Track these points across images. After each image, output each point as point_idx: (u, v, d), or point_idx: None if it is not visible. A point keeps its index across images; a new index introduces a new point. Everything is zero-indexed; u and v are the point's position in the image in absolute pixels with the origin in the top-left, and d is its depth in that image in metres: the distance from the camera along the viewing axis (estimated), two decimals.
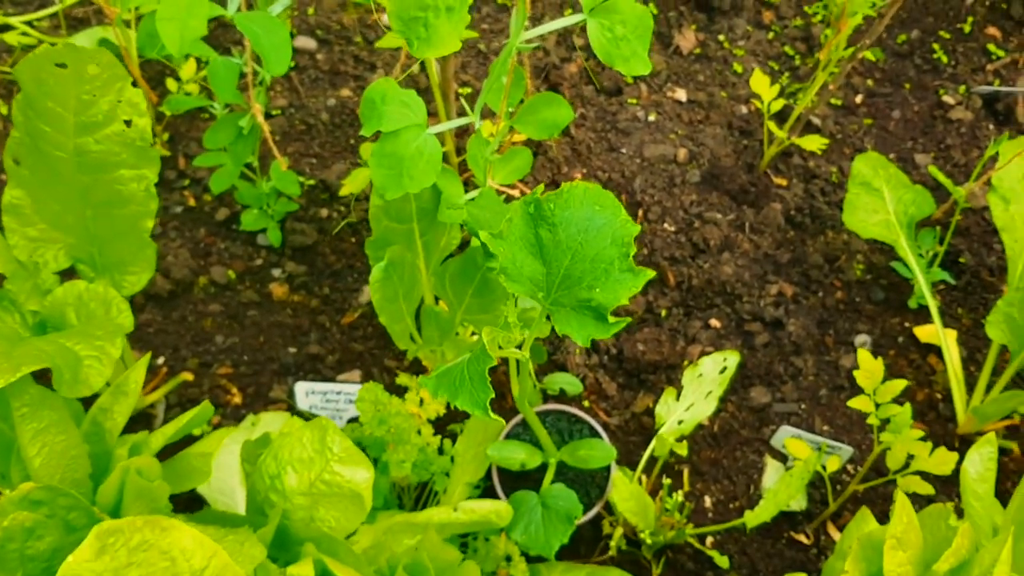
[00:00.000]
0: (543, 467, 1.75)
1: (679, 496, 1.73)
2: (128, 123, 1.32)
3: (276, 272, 2.12)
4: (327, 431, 1.31)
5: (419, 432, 1.74)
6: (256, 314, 2.08)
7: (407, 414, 1.66)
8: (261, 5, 1.65)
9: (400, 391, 1.99)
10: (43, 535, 1.13)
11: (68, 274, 1.53)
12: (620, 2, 1.50)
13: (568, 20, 1.52)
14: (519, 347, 1.44)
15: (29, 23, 2.39)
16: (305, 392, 1.92)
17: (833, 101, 2.47)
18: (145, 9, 1.54)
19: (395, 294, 1.76)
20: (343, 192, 2.01)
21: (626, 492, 1.72)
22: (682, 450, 1.75)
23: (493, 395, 1.25)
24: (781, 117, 2.36)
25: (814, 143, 2.10)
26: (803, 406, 2.07)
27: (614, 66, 1.49)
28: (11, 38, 2.16)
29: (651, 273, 1.30)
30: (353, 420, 1.94)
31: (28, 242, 1.48)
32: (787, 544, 1.91)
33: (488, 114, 2.29)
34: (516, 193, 2.19)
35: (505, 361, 1.94)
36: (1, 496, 1.20)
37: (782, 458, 2.02)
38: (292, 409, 1.96)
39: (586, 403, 2.03)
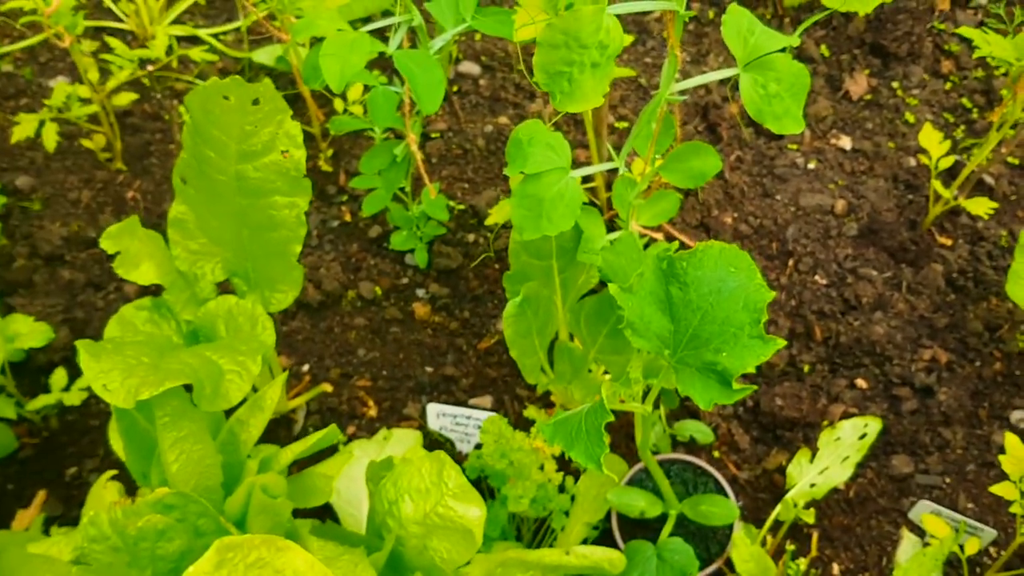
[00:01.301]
0: (663, 517, 1.74)
1: (803, 563, 1.68)
2: (285, 153, 1.39)
3: (420, 292, 2.18)
4: (444, 465, 1.34)
5: (541, 468, 1.75)
6: (398, 331, 2.14)
7: (529, 449, 1.68)
8: (423, 41, 1.71)
9: (527, 422, 2.01)
10: (173, 537, 1.21)
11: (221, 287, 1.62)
12: (776, 59, 1.47)
13: (721, 74, 1.50)
14: (643, 399, 1.43)
15: (216, 36, 2.54)
16: (436, 414, 1.97)
17: (1010, 160, 2.34)
18: (302, 37, 1.61)
19: (528, 329, 1.78)
20: (489, 221, 2.05)
21: (747, 553, 1.67)
22: (809, 517, 1.70)
23: (607, 451, 1.25)
24: (951, 173, 2.25)
25: (981, 206, 1.99)
26: (948, 480, 1.96)
27: (764, 123, 1.46)
28: (195, 54, 2.30)
29: (782, 343, 1.26)
30: (480, 446, 1.97)
31: (189, 254, 1.57)
32: None
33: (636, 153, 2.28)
34: (660, 236, 2.17)
35: None
36: (140, 496, 1.28)
37: (920, 532, 1.92)
38: (423, 428, 2.01)
39: (716, 453, 1.99)
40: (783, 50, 1.49)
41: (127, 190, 2.30)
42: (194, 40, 2.54)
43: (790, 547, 1.76)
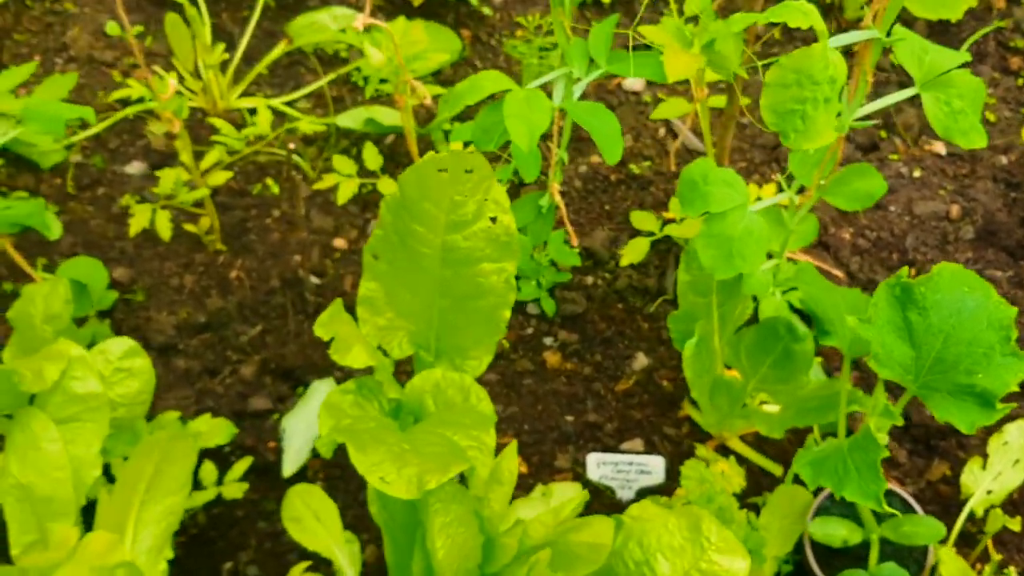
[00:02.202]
0: (860, 544, 1.72)
1: (1012, 572, 1.67)
2: (493, 220, 1.37)
3: (548, 340, 2.15)
4: (702, 519, 1.31)
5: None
6: (531, 382, 2.11)
7: (727, 493, 1.66)
8: (568, 92, 1.69)
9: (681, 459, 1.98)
10: None
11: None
12: (956, 76, 1.48)
13: (901, 95, 1.51)
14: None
15: (290, 103, 2.50)
16: (597, 463, 1.94)
17: None
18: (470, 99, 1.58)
19: (703, 369, 1.76)
20: (623, 263, 2.03)
21: (955, 569, 1.67)
22: (1015, 525, 1.69)
23: (887, 486, 1.23)
24: None
25: None
26: None
27: (952, 140, 1.47)
28: (304, 126, 2.26)
29: None
30: (644, 491, 1.94)
31: (377, 331, 1.54)
32: None
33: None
34: (802, 257, 2.17)
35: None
36: None
37: None
38: (580, 478, 1.98)
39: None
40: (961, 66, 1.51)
41: (230, 270, 2.25)
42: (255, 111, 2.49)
43: (997, 556, 1.75)
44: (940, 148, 2.36)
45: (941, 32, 2.58)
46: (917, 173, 2.31)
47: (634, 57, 1.73)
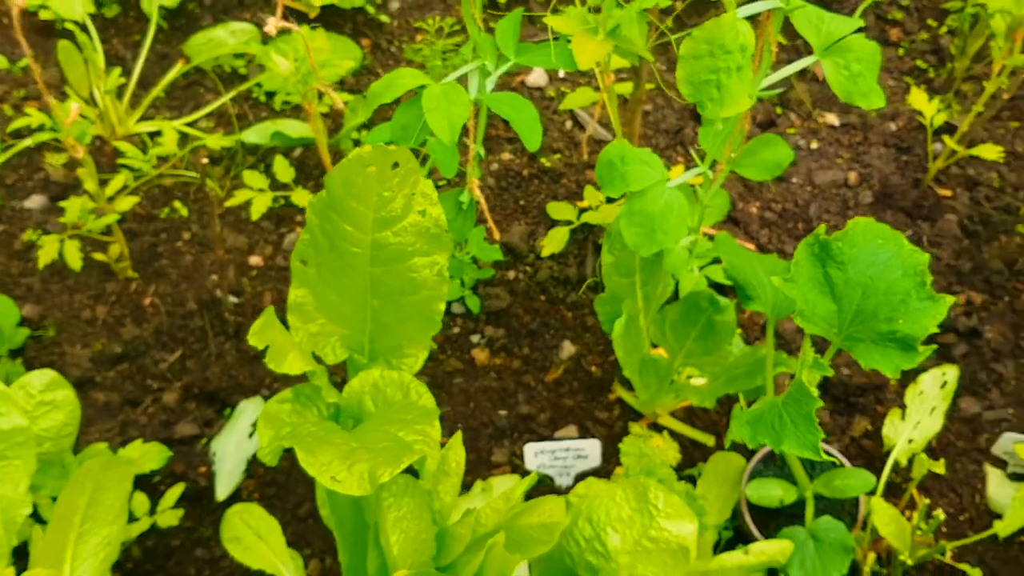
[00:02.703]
0: (794, 503, 1.77)
1: (940, 514, 1.74)
2: (423, 213, 1.37)
3: (475, 338, 2.16)
4: (648, 488, 1.34)
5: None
6: (462, 381, 2.12)
7: (668, 464, 1.69)
8: (481, 85, 1.71)
9: (615, 442, 2.01)
10: None
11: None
12: (853, 40, 1.54)
13: (803, 63, 1.57)
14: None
15: (191, 124, 2.46)
16: (534, 452, 1.95)
17: (982, 104, 2.51)
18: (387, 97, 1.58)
19: (633, 347, 1.80)
20: (544, 253, 2.06)
21: (887, 517, 1.73)
22: (940, 468, 1.77)
23: (823, 435, 1.28)
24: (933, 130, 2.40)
25: (991, 152, 2.14)
26: (1011, 411, 2.08)
27: (853, 102, 1.53)
28: (212, 142, 2.22)
29: (952, 299, 1.33)
30: (583, 475, 1.97)
31: (310, 337, 1.52)
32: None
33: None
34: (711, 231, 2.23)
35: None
36: None
37: (1001, 464, 2.03)
38: (517, 470, 1.99)
39: None
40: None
41: (143, 297, 2.20)
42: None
43: (924, 500, 1.82)
44: (834, 119, 2.46)
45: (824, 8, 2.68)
46: (814, 145, 2.39)
47: (542, 48, 1.76)
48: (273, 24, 1.37)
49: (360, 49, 2.61)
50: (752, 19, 1.45)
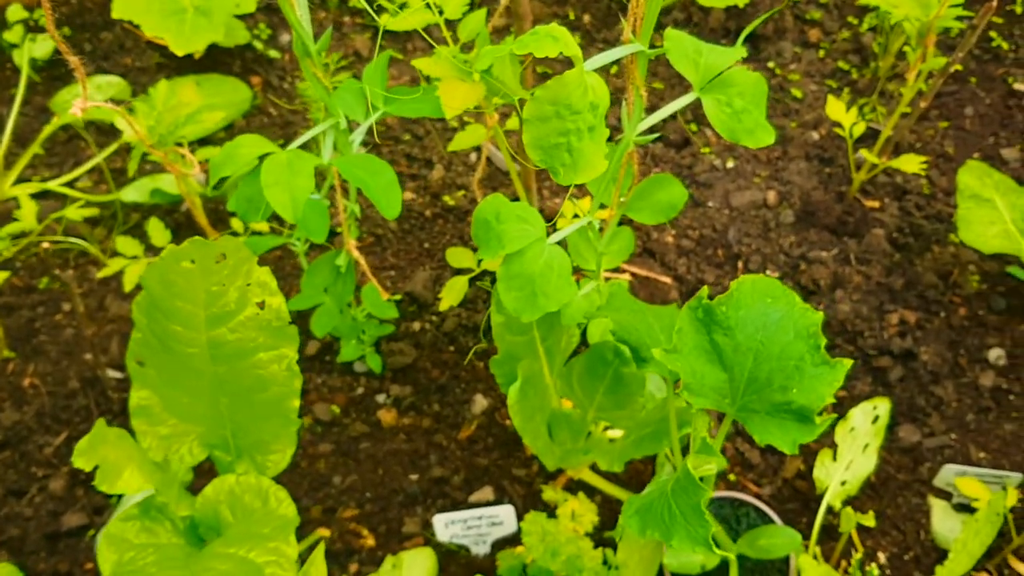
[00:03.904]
0: (720, 565, 1.65)
1: (874, 569, 1.62)
2: (261, 304, 1.23)
3: (380, 398, 2.02)
4: None
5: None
6: (369, 446, 1.98)
7: (576, 539, 1.56)
8: (342, 143, 1.57)
9: (536, 502, 1.88)
10: None
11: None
12: (734, 74, 1.41)
13: (680, 103, 1.43)
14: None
15: (70, 184, 2.30)
16: (444, 524, 1.81)
17: (904, 110, 2.38)
18: (227, 170, 1.44)
19: (533, 410, 1.66)
20: (442, 307, 1.91)
21: (817, 574, 1.61)
22: (869, 521, 1.65)
23: (715, 528, 1.15)
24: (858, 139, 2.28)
25: (912, 164, 2.01)
26: (953, 436, 1.96)
27: (739, 141, 1.40)
28: (71, 213, 2.06)
29: (848, 362, 1.20)
30: (499, 542, 1.83)
31: (160, 441, 1.38)
32: None
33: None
34: (627, 277, 2.10)
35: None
36: None
37: (945, 495, 1.91)
38: (430, 542, 1.86)
39: (732, 477, 1.92)
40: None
41: (22, 378, 2.04)
42: (45, 194, 2.29)
43: (857, 554, 1.70)
44: None
45: (738, 16, 2.55)
46: (731, 164, 2.26)
47: (413, 95, 1.62)
48: (79, 107, 1.22)
49: (250, 88, 2.45)
50: (619, 63, 1.32)
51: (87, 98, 1.23)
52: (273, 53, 2.56)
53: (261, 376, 1.28)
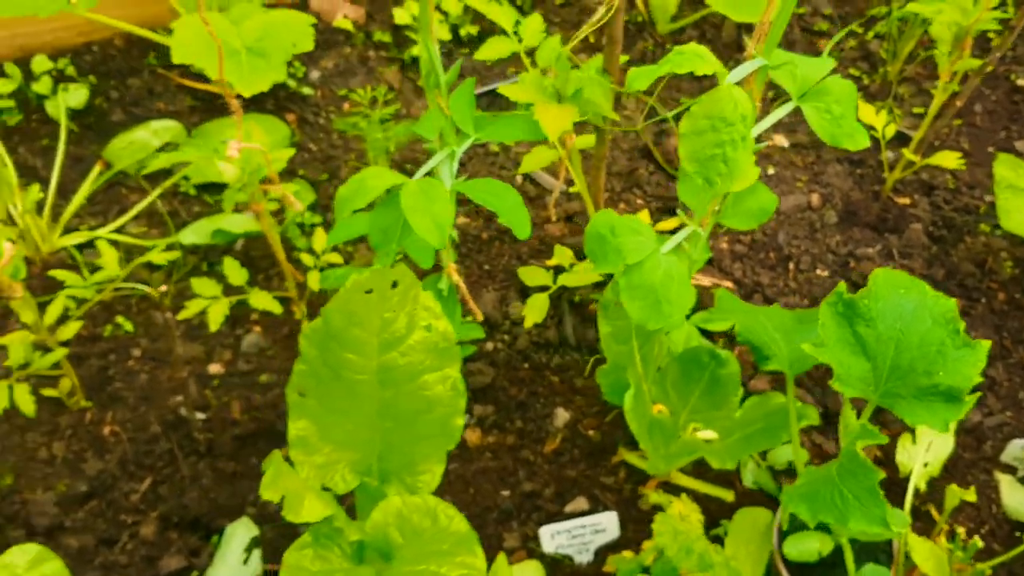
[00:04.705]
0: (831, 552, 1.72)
1: (977, 541, 1.71)
2: (428, 328, 1.28)
3: (464, 419, 2.06)
4: None
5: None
6: (458, 466, 2.02)
7: (704, 538, 1.62)
8: (450, 170, 1.61)
9: (627, 507, 1.93)
10: None
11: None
12: (830, 83, 1.50)
13: (782, 111, 1.52)
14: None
15: (120, 230, 2.31)
16: (550, 535, 1.86)
17: (915, 110, 2.52)
18: (359, 202, 1.48)
19: (644, 416, 1.72)
20: (527, 324, 1.97)
21: (925, 552, 1.69)
22: (971, 496, 1.74)
23: (889, 508, 1.22)
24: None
25: (949, 160, 2.13)
26: (1009, 414, 2.07)
27: (840, 145, 1.49)
28: (156, 257, 2.06)
29: (987, 344, 1.29)
30: (602, 549, 1.88)
31: (317, 470, 1.41)
32: None
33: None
34: (699, 283, 2.17)
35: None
36: None
37: (1011, 470, 2.02)
38: (533, 553, 1.90)
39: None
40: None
41: (102, 427, 2.03)
42: (91, 243, 2.28)
43: (960, 529, 1.79)
44: (782, 140, 2.44)
45: (749, 29, 2.66)
46: (771, 170, 2.36)
47: (503, 120, 1.68)
48: (235, 148, 1.26)
49: (287, 126, 2.48)
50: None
51: (242, 139, 1.26)
52: (306, 90, 2.59)
53: (427, 397, 1.33)
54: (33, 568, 1.45)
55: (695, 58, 1.21)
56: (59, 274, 1.94)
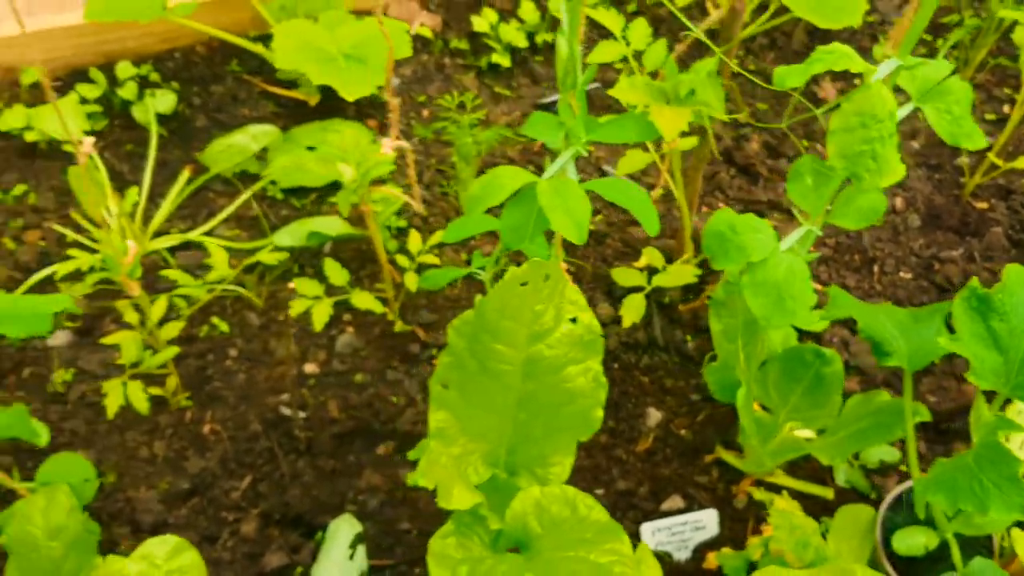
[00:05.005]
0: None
1: None
2: (574, 320, 1.31)
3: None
4: (855, 572, 1.29)
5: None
6: None
7: (819, 532, 1.65)
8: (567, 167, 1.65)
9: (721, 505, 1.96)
10: None
11: None
12: (951, 84, 1.53)
13: (902, 112, 1.55)
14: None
15: (210, 233, 2.34)
16: (651, 532, 1.89)
17: (987, 116, 2.55)
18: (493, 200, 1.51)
19: (750, 411, 1.75)
20: (626, 323, 2.00)
21: None
22: None
23: None
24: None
25: None
26: None
27: (960, 145, 1.52)
28: (265, 257, 2.09)
29: None
30: (700, 546, 1.91)
31: (452, 460, 1.44)
32: None
33: None
34: None
35: None
36: None
37: None
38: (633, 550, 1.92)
39: (903, 468, 2.02)
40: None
41: (201, 425, 2.07)
42: (186, 246, 2.32)
43: None
44: None
45: (822, 38, 2.70)
46: None
47: (614, 122, 1.71)
48: (389, 146, 1.30)
49: (369, 131, 2.52)
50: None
51: (395, 137, 1.30)
52: (385, 96, 2.63)
53: (569, 390, 1.36)
54: (172, 559, 1.48)
55: (844, 57, 1.25)
56: (171, 274, 1.98)
